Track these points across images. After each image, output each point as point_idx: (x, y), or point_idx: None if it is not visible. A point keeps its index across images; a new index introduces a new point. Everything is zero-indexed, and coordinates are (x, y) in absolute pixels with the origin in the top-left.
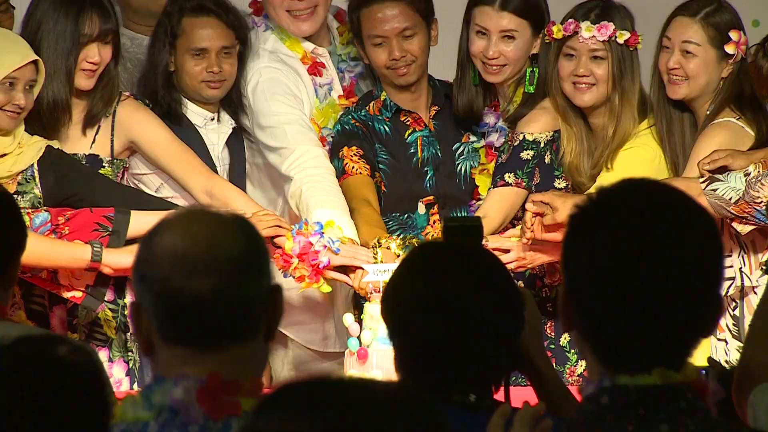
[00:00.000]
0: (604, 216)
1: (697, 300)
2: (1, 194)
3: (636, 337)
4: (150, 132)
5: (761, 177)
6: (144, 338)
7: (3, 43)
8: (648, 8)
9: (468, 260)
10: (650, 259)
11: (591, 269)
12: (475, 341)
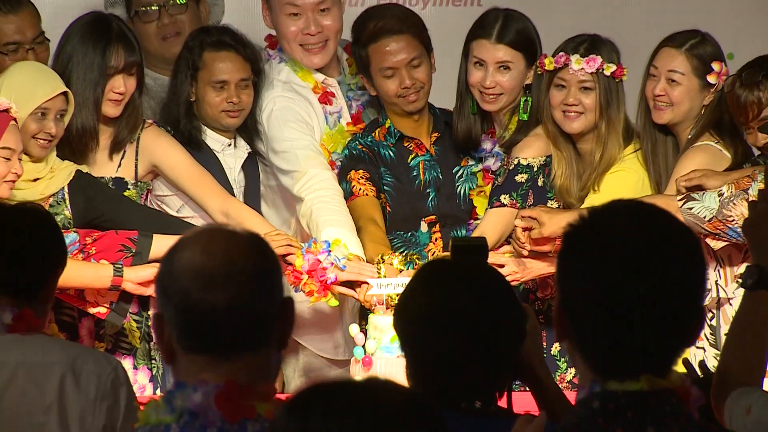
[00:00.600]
0: (595, 234)
1: (681, 312)
2: (44, 216)
3: (624, 347)
4: (171, 156)
5: (733, 197)
6: (166, 347)
7: (35, 75)
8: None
9: (474, 277)
10: (638, 275)
11: (583, 284)
12: (481, 352)
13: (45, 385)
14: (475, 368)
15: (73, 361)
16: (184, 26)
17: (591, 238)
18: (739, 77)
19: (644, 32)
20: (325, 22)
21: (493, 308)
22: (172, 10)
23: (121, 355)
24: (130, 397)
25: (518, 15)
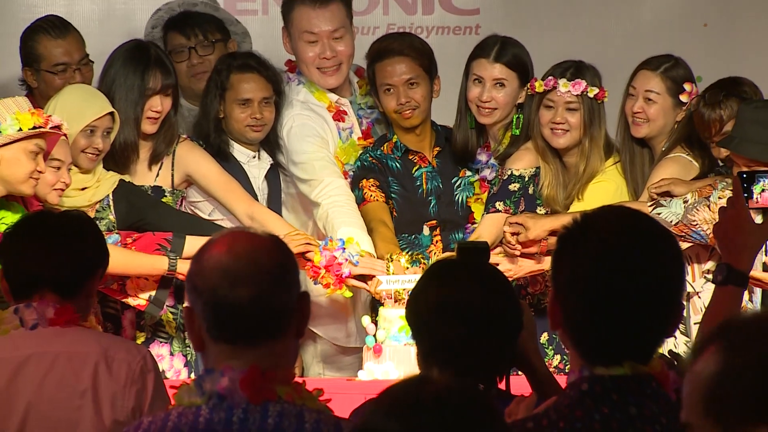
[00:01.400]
0: (586, 236)
1: (660, 306)
2: (86, 221)
3: (611, 336)
4: (203, 167)
5: (697, 204)
6: (196, 337)
7: (85, 97)
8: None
9: (478, 275)
10: (624, 272)
11: (575, 279)
12: (484, 341)
13: (81, 372)
14: (478, 355)
15: (105, 351)
16: (211, 65)
17: (582, 239)
18: (703, 98)
19: (623, 58)
20: (339, 48)
21: (495, 303)
22: (201, 51)
23: (159, 343)
24: (157, 383)
25: (514, 41)
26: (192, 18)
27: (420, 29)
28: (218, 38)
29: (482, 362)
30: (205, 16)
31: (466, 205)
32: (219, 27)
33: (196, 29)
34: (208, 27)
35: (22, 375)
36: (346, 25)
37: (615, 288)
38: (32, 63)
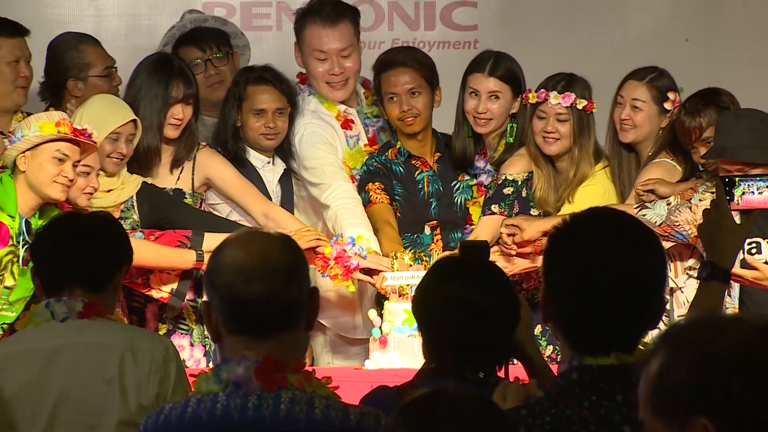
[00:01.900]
0: (575, 235)
1: (643, 301)
2: (112, 221)
3: (597, 328)
4: (221, 171)
5: (679, 206)
6: (213, 329)
7: (110, 106)
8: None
9: (479, 271)
10: (610, 269)
11: (565, 276)
12: (484, 333)
13: (108, 361)
14: (479, 346)
15: (131, 342)
16: (225, 75)
17: (571, 239)
18: (684, 107)
19: (611, 70)
20: (346, 64)
21: (495, 297)
22: (216, 62)
23: (180, 334)
24: (178, 371)
25: (507, 56)
26: (204, 32)
27: (422, 44)
28: (228, 50)
29: (483, 352)
30: (215, 31)
31: (464, 206)
32: (227, 40)
33: (210, 42)
34: (219, 40)
35: (54, 364)
36: (353, 43)
37: (600, 283)
38: (77, 73)
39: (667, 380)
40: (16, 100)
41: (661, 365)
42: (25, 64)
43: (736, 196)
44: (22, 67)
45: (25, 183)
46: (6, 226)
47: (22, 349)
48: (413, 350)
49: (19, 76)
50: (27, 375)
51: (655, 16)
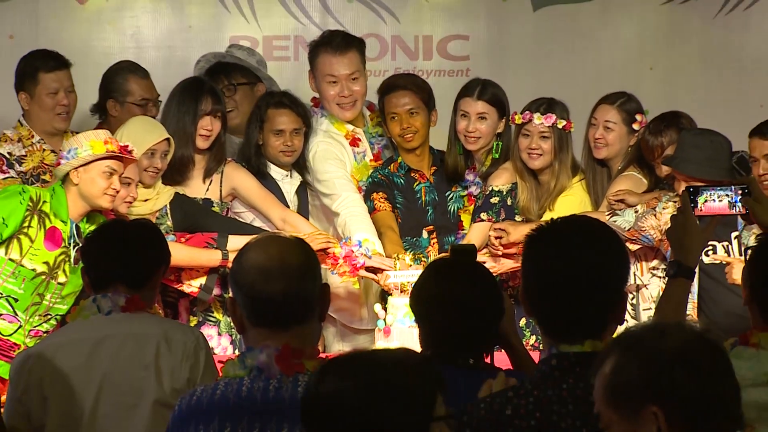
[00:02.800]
0: (548, 238)
1: (607, 294)
2: (151, 227)
3: (572, 319)
4: (245, 183)
5: (645, 213)
6: (238, 322)
7: (147, 126)
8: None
9: (468, 271)
10: (578, 267)
11: (540, 273)
12: (473, 324)
13: (145, 349)
14: (468, 336)
15: (166, 332)
16: (236, 104)
17: (545, 240)
18: (648, 128)
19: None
20: (354, 87)
21: (481, 293)
22: (226, 92)
23: (209, 325)
24: (207, 358)
25: (493, 83)
26: (222, 67)
27: (421, 72)
28: (242, 82)
29: (471, 341)
30: (233, 65)
31: (456, 214)
32: (244, 72)
33: (221, 75)
34: (232, 73)
35: (99, 351)
36: (360, 69)
37: (565, 277)
38: (118, 96)
39: (620, 376)
40: (56, 126)
41: (614, 364)
42: (65, 93)
43: (699, 203)
44: (61, 97)
45: (76, 193)
46: (59, 230)
47: (72, 339)
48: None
49: (59, 104)
50: (76, 361)
51: (623, 48)
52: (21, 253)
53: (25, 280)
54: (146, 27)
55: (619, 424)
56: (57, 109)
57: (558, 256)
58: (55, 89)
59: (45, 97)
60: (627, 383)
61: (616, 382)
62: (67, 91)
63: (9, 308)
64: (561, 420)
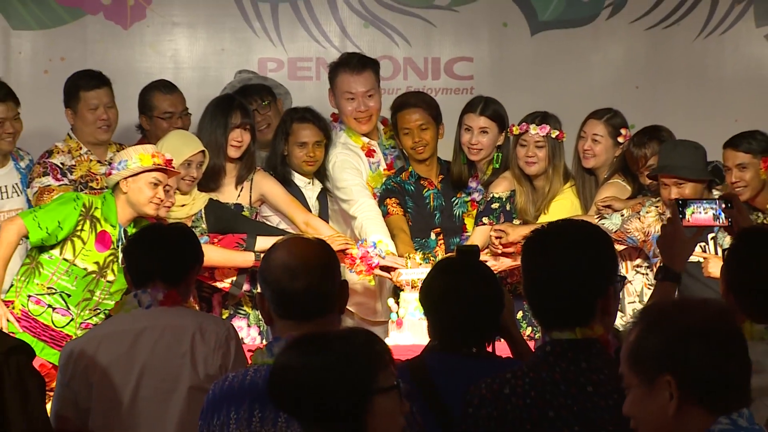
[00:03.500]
0: (547, 239)
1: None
2: (186, 230)
3: (565, 309)
4: (273, 189)
5: (630, 217)
6: (266, 314)
7: (183, 139)
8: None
9: (471, 269)
10: (573, 265)
11: (537, 269)
12: (476, 317)
13: (182, 339)
14: (472, 327)
15: (200, 324)
16: (271, 119)
17: (544, 242)
18: (632, 140)
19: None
20: (370, 104)
21: (483, 289)
22: (262, 110)
23: (239, 317)
24: (237, 347)
25: (494, 100)
26: (250, 88)
27: (430, 90)
28: (270, 100)
29: (475, 332)
30: (258, 86)
31: (461, 218)
32: (269, 91)
33: (255, 96)
34: (262, 93)
35: (140, 342)
36: (375, 87)
37: (563, 274)
38: (147, 111)
39: (642, 345)
40: (98, 138)
41: (637, 333)
42: (104, 109)
43: (687, 215)
44: (101, 112)
45: (125, 201)
46: (109, 234)
47: (115, 330)
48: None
49: (99, 119)
50: (119, 350)
51: (611, 69)
52: (74, 253)
53: (77, 278)
54: (183, 49)
55: (638, 387)
56: (97, 123)
57: (555, 255)
58: (95, 105)
59: (86, 112)
60: (647, 351)
61: (638, 350)
62: (106, 106)
63: (62, 303)
64: (553, 399)
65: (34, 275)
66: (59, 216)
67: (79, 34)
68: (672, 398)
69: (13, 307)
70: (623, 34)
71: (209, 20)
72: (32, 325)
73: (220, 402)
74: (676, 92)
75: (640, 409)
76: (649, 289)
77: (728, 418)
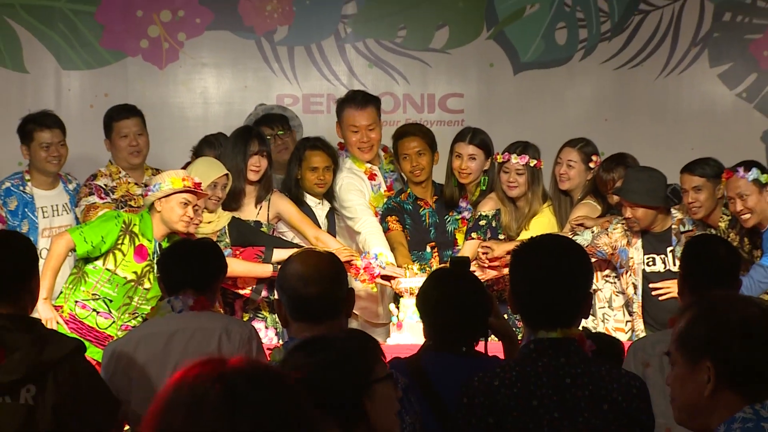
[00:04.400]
0: (531, 252)
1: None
2: (212, 244)
3: (548, 313)
4: (288, 209)
5: (600, 233)
6: (282, 317)
7: (209, 164)
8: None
9: (462, 278)
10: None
11: (522, 277)
12: (467, 320)
13: (210, 339)
14: (463, 329)
15: (226, 326)
16: (288, 144)
17: (526, 253)
18: (602, 166)
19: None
20: (372, 135)
21: (473, 295)
22: (284, 136)
23: (258, 320)
24: (258, 346)
25: (481, 130)
26: (272, 117)
27: (426, 122)
28: (286, 129)
29: (464, 334)
30: (278, 115)
31: (453, 233)
32: (286, 121)
33: (277, 123)
34: (280, 122)
35: (173, 342)
36: (376, 121)
37: (545, 282)
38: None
39: (690, 331)
40: (130, 161)
41: (688, 320)
42: (134, 136)
43: None
44: (131, 139)
45: (159, 218)
46: (145, 247)
47: (151, 332)
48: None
49: (129, 145)
50: (155, 349)
51: (584, 104)
52: (115, 264)
53: (118, 285)
54: (211, 87)
55: (681, 366)
56: (128, 148)
57: (539, 265)
58: (125, 133)
59: (119, 140)
60: (694, 337)
61: (686, 334)
62: (136, 134)
63: (105, 307)
64: (537, 389)
65: (81, 283)
66: (102, 231)
67: (120, 74)
68: (709, 381)
69: (62, 312)
70: (594, 73)
71: (234, 62)
72: (79, 327)
73: None
74: (640, 124)
75: (680, 386)
76: (617, 296)
77: (752, 408)
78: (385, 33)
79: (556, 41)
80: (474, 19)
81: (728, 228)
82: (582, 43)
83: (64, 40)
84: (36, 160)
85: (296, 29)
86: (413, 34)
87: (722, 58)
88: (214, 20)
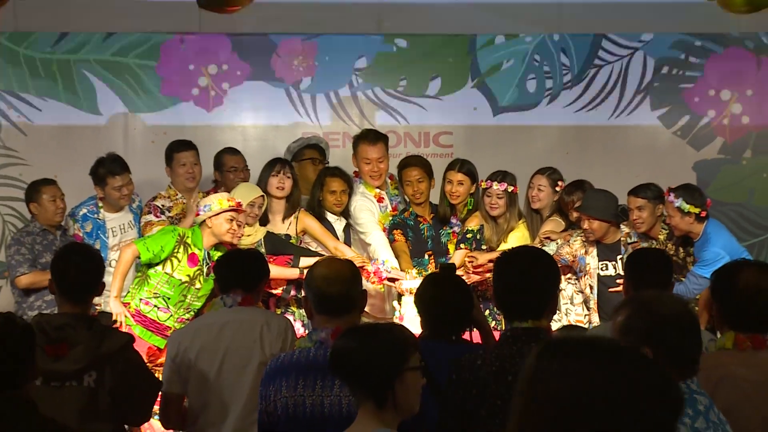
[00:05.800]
0: (510, 259)
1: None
2: (257, 253)
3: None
4: (312, 224)
5: (563, 244)
6: (308, 311)
7: (248, 188)
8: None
9: (450, 281)
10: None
11: (502, 280)
12: (454, 313)
13: (254, 329)
14: (452, 321)
15: (267, 319)
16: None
17: (506, 261)
18: (564, 190)
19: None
20: (381, 166)
21: (458, 295)
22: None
23: (288, 314)
24: (292, 335)
25: (468, 161)
26: (312, 146)
27: (422, 154)
28: (322, 158)
29: (454, 325)
30: (317, 145)
31: (446, 245)
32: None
33: (317, 152)
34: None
35: (224, 331)
36: (385, 154)
37: (519, 282)
38: (218, 167)
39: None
40: (187, 186)
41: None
42: (190, 165)
43: None
44: (188, 168)
45: (209, 232)
46: (197, 255)
47: (206, 323)
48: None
49: (186, 173)
50: (208, 337)
51: (549, 140)
52: (172, 268)
53: (174, 286)
54: (249, 126)
55: None
56: (185, 175)
57: (516, 270)
58: (183, 163)
59: (178, 168)
60: (632, 330)
61: (627, 326)
62: (192, 164)
63: (164, 304)
64: (511, 367)
65: (144, 284)
66: (162, 242)
67: (176, 116)
68: None
69: (129, 307)
70: (558, 115)
71: (268, 106)
72: (143, 320)
73: (274, 374)
74: (596, 156)
75: None
76: (577, 294)
77: (685, 383)
78: (390, 83)
79: (527, 89)
80: (461, 71)
81: (666, 240)
82: (548, 91)
83: (131, 89)
84: (110, 199)
85: (318, 80)
86: (412, 83)
87: (661, 103)
88: (251, 72)
